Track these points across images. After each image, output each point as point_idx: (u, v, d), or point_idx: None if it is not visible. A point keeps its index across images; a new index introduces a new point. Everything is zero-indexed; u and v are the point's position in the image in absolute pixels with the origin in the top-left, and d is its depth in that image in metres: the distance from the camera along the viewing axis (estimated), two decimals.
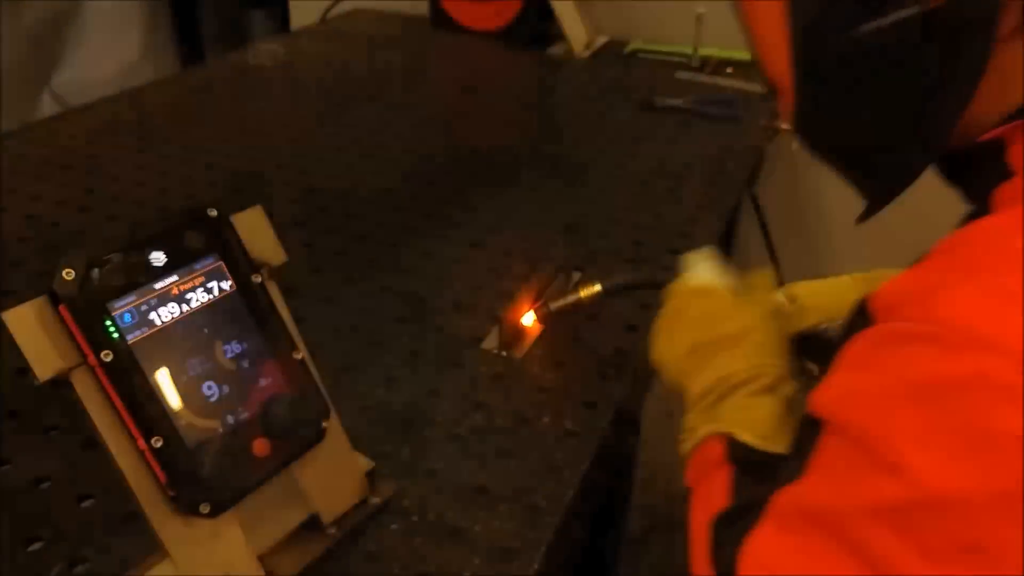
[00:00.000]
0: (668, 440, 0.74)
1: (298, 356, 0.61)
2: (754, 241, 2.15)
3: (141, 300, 0.51)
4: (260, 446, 0.57)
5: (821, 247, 2.17)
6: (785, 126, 1.80)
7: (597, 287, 0.88)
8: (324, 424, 0.62)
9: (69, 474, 0.75)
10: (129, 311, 0.50)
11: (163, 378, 0.52)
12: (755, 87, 1.75)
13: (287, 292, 1.03)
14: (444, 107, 1.66)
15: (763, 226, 2.09)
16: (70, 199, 1.22)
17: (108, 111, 1.54)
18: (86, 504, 0.71)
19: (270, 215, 1.21)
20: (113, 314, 0.50)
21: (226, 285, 0.57)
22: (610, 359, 0.91)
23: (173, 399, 0.53)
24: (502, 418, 0.82)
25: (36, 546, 0.68)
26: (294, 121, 1.54)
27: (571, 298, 0.90)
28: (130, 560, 0.64)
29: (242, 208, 0.63)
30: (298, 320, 0.97)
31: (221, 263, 0.56)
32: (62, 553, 0.67)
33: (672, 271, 0.79)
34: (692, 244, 1.14)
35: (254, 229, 0.60)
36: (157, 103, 1.59)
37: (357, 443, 0.77)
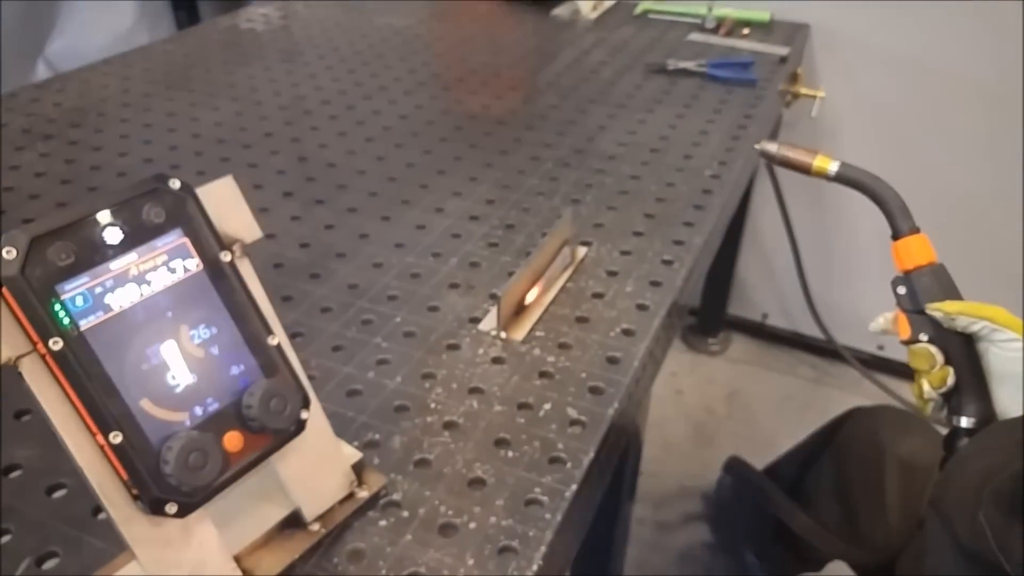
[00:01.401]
0: (676, 420, 0.69)
1: (274, 341, 0.56)
2: (769, 211, 2.09)
3: (95, 282, 0.46)
4: (233, 440, 0.52)
5: (839, 218, 2.10)
6: (806, 90, 1.73)
7: (832, 166, 0.82)
8: (304, 415, 0.56)
9: (41, 462, 0.70)
10: (81, 294, 0.45)
11: (122, 368, 0.47)
12: (772, 49, 1.68)
13: (274, 268, 0.99)
14: (444, 71, 1.59)
15: (779, 196, 2.03)
16: (51, 171, 1.16)
17: (93, 79, 1.48)
18: (57, 495, 0.67)
19: (257, 186, 1.17)
20: (63, 297, 0.44)
21: (192, 264, 0.51)
22: (618, 341, 0.86)
23: (134, 390, 0.47)
24: (501, 404, 0.77)
25: (4, 539, 0.63)
26: (286, 88, 1.47)
27: (800, 154, 0.84)
28: (102, 556, 0.59)
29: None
30: (285, 298, 0.93)
31: (185, 240, 0.51)
32: (30, 547, 0.62)
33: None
34: (707, 217, 1.08)
35: (224, 202, 0.55)
36: (144, 70, 1.53)
37: (344, 431, 0.72)
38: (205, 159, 1.22)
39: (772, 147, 0.88)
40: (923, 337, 0.80)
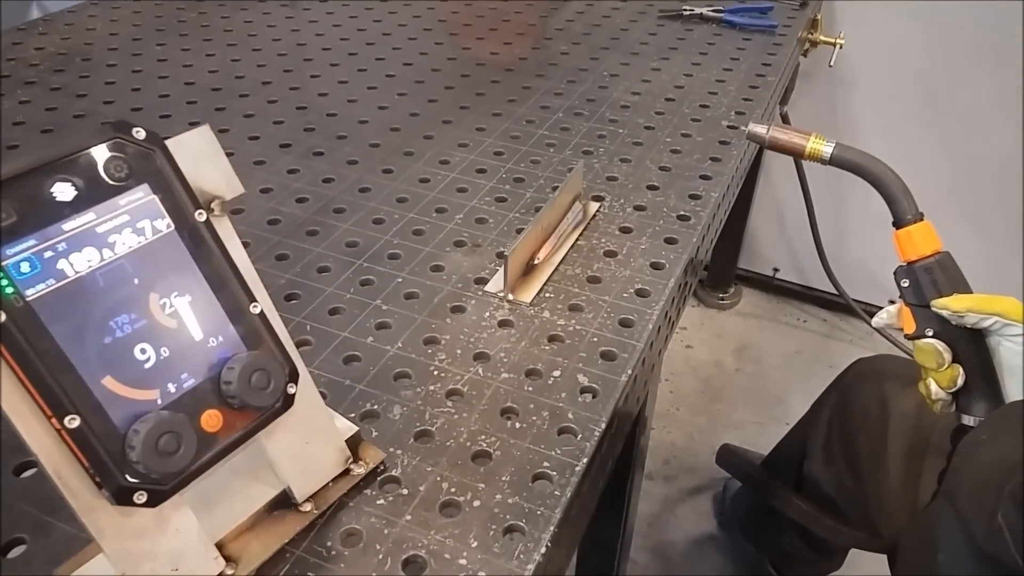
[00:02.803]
0: (685, 375, 0.64)
1: (256, 310, 0.51)
2: (782, 163, 2.01)
3: (44, 244, 0.40)
4: (211, 419, 0.47)
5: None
6: (825, 38, 1.64)
7: (827, 148, 0.79)
8: (292, 389, 0.51)
9: (10, 440, 0.65)
10: (27, 259, 0.40)
11: (80, 342, 0.42)
12: None
13: (269, 224, 0.93)
14: (450, 17, 1.51)
15: None
16: (31, 119, 1.10)
17: (79, 21, 1.41)
18: (26, 475, 0.62)
19: (253, 137, 1.10)
20: (3, 263, 0.39)
21: (161, 224, 0.45)
22: (631, 302, 0.81)
23: (95, 367, 0.42)
24: (508, 371, 0.72)
25: None
26: (286, 33, 1.40)
27: (792, 136, 0.79)
28: (74, 544, 0.55)
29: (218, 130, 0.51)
30: (280, 256, 0.87)
31: (154, 197, 0.45)
32: None
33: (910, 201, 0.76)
34: (724, 170, 1.02)
35: (200, 154, 0.49)
36: (133, 12, 1.46)
37: (340, 402, 0.68)
38: (198, 109, 1.16)
39: (761, 129, 0.83)
40: (929, 333, 0.75)
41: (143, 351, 0.45)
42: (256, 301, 0.51)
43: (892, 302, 0.83)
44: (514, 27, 1.47)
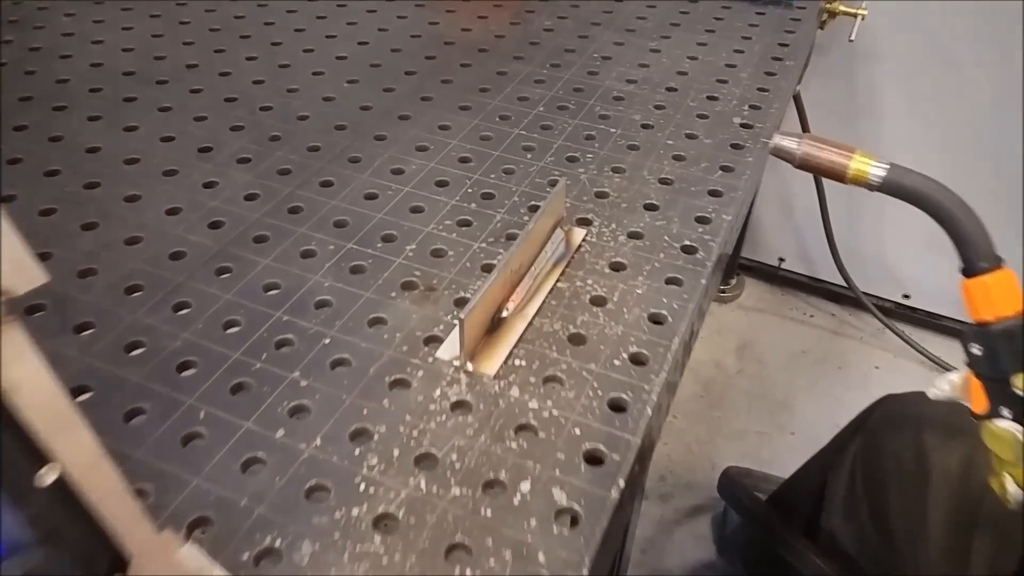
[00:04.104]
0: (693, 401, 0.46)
1: (50, 477, 0.33)
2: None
3: None
4: None
5: (871, 150, 1.84)
6: (846, 8, 1.43)
7: (876, 170, 0.62)
8: None
9: None
10: None
11: None
12: None
13: (170, 258, 0.72)
14: None
15: (804, 125, 1.75)
16: None
17: None
18: None
19: (167, 139, 0.90)
20: None
21: None
22: (625, 374, 0.63)
23: None
24: (461, 483, 0.54)
25: None
26: (221, 3, 1.20)
27: (830, 153, 0.62)
28: None
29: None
30: (178, 306, 0.65)
31: None
32: None
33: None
34: (737, 183, 0.84)
35: None
36: None
37: (230, 535, 0.49)
38: (103, 99, 0.96)
39: (791, 144, 0.65)
40: (1007, 414, 0.58)
41: None
42: (52, 462, 0.33)
43: (906, 297, 0.65)
44: (491, 1, 1.27)
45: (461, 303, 0.68)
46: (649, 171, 0.86)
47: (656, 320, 0.68)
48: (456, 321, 0.60)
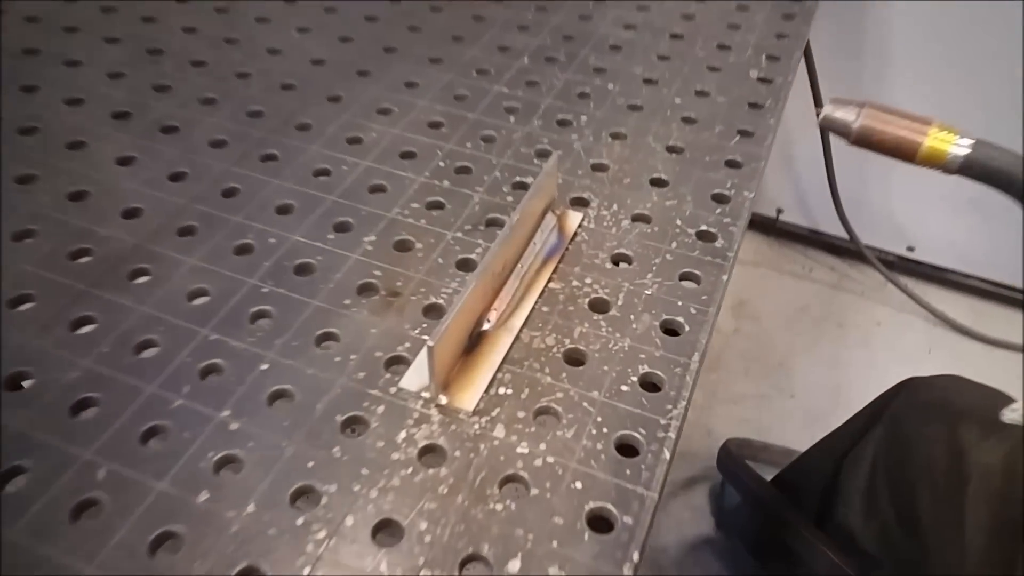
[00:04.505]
0: None
1: None
2: (793, 86, 1.68)
3: None
4: None
5: (878, 94, 1.69)
6: None
7: (958, 149, 0.48)
8: None
9: None
10: None
11: None
12: None
13: (69, 257, 0.58)
14: None
15: (810, 69, 1.61)
16: None
17: None
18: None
19: (74, 101, 0.75)
20: None
21: None
22: (634, 404, 0.51)
23: None
24: (431, 566, 0.42)
25: None
26: None
27: (901, 129, 0.50)
28: None
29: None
30: (79, 322, 0.51)
31: None
32: None
33: None
34: (758, 150, 0.71)
35: None
36: None
37: None
38: None
39: (847, 115, 0.52)
40: None
41: None
42: None
43: (910, 249, 0.54)
44: None
45: (432, 312, 0.56)
46: (655, 137, 0.73)
47: (671, 330, 0.56)
48: (426, 346, 0.47)
